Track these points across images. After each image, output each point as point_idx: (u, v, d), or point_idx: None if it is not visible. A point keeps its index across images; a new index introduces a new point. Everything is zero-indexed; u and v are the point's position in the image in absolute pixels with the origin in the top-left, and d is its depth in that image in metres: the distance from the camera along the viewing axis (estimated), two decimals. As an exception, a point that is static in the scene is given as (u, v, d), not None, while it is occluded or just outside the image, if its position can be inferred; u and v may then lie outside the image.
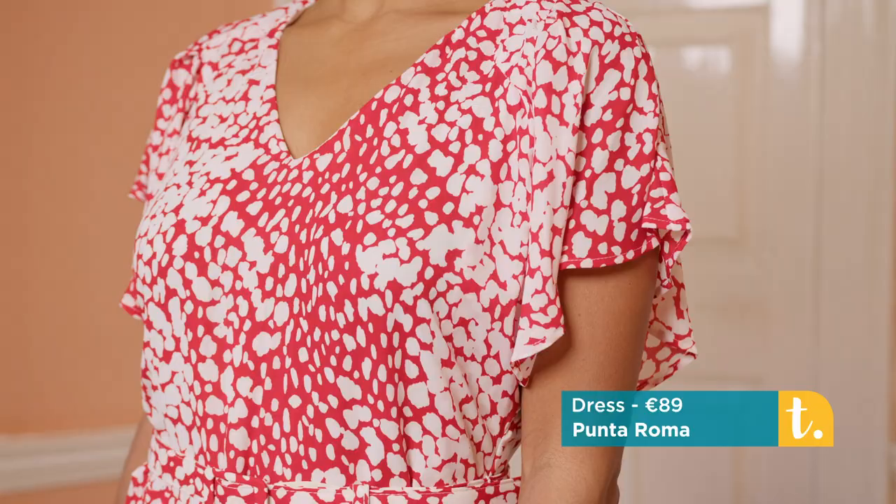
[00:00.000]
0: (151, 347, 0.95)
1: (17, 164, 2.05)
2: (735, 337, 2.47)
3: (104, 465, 2.06)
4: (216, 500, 0.90)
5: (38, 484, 2.07)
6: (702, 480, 2.52)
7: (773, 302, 2.45)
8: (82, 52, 2.10)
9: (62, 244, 2.10)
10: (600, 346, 0.87)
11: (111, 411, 2.08)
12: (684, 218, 0.86)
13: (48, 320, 2.08)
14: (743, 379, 2.48)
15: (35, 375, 2.07)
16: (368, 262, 0.83)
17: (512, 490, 0.92)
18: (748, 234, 2.46)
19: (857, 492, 2.43)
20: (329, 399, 0.86)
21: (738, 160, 2.45)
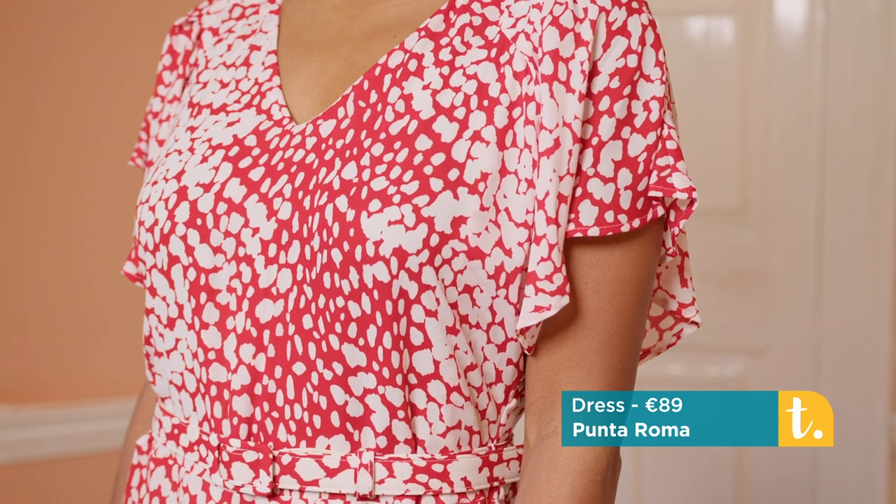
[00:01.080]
0: (156, 314, 0.95)
1: (17, 137, 2.04)
2: (737, 308, 2.47)
3: (106, 436, 2.06)
4: (221, 466, 0.90)
5: (39, 454, 2.07)
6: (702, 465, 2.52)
7: (776, 273, 2.45)
8: (84, 21, 2.09)
9: (62, 215, 2.09)
10: (607, 314, 0.87)
11: (112, 382, 2.08)
12: (690, 186, 0.85)
13: (49, 291, 2.08)
14: (744, 351, 2.48)
15: (36, 346, 2.08)
16: (373, 229, 0.82)
17: (515, 458, 0.92)
18: (750, 205, 2.46)
19: (858, 461, 2.44)
20: (334, 366, 0.86)
21: (741, 131, 2.44)
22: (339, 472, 0.87)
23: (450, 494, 0.88)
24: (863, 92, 2.36)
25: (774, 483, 2.48)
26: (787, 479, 2.47)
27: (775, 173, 2.44)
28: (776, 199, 2.44)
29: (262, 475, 0.88)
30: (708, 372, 2.51)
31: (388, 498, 0.87)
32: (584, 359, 0.87)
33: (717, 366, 2.50)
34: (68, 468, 2.10)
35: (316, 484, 0.87)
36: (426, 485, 0.87)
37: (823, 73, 2.38)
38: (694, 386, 2.50)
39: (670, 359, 2.47)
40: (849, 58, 2.36)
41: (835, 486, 2.44)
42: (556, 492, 0.85)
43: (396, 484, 0.87)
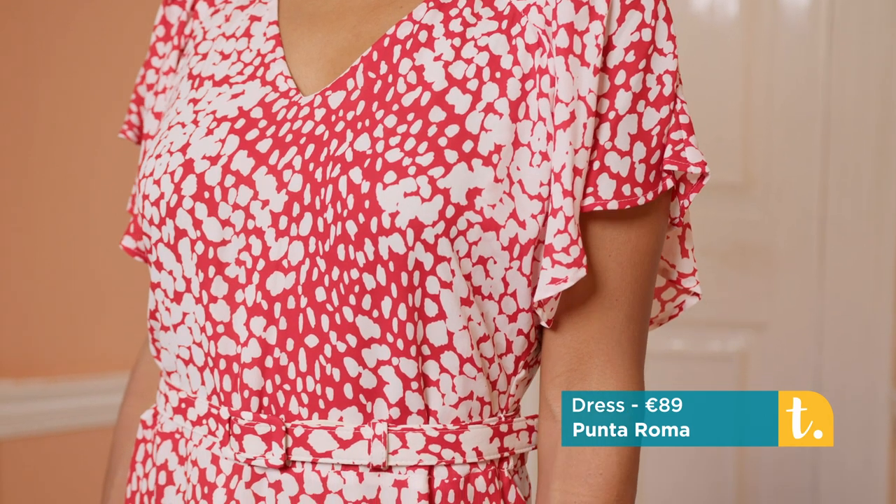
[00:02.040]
0: (162, 289, 0.94)
1: (19, 114, 2.04)
2: (739, 283, 2.47)
3: (109, 410, 2.05)
4: (231, 439, 0.90)
5: (43, 428, 2.07)
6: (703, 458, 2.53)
7: (778, 248, 2.45)
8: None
9: (63, 190, 2.09)
10: (630, 285, 0.88)
11: (115, 356, 2.09)
12: (703, 161, 0.87)
13: (52, 266, 2.08)
14: (747, 326, 2.48)
15: (41, 321, 2.08)
16: (389, 201, 0.82)
17: (524, 429, 0.93)
18: (754, 180, 2.45)
19: (860, 436, 2.44)
20: (347, 338, 0.86)
21: (744, 105, 2.43)
22: (353, 444, 0.87)
23: (462, 464, 0.89)
24: (868, 66, 2.35)
25: (776, 457, 2.49)
26: (789, 452, 2.48)
27: (779, 148, 2.43)
28: (779, 174, 2.43)
29: (275, 447, 0.88)
30: (710, 347, 2.51)
31: (401, 468, 0.88)
32: (612, 330, 0.89)
33: (719, 341, 2.51)
34: (72, 442, 2.11)
35: (329, 455, 0.87)
36: (439, 455, 0.88)
37: (827, 47, 2.37)
38: (696, 360, 2.50)
39: (672, 333, 2.47)
40: (853, 32, 2.35)
41: (837, 459, 2.45)
42: (604, 463, 0.87)
43: (409, 454, 0.87)
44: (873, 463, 2.43)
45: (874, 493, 2.44)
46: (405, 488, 0.87)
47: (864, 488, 2.44)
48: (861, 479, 2.44)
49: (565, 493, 0.88)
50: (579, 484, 0.87)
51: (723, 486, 2.53)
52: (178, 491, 0.95)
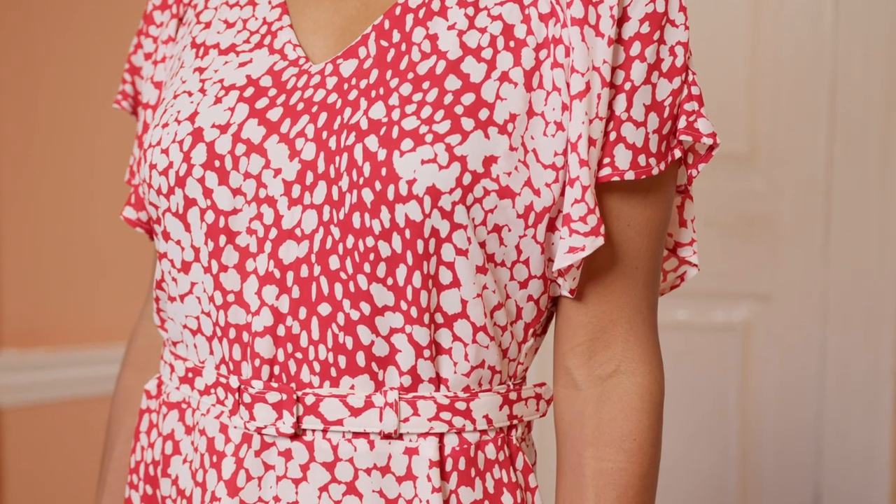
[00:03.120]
0: (169, 259, 0.94)
1: (22, 87, 2.03)
2: (743, 254, 2.47)
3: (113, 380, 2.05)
4: (241, 407, 0.90)
5: (46, 397, 2.08)
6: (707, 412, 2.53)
7: (783, 218, 2.44)
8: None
9: (67, 160, 2.09)
10: (646, 253, 0.90)
11: (120, 326, 2.09)
12: (714, 132, 0.88)
13: (57, 235, 2.08)
14: (751, 296, 2.48)
15: (44, 291, 2.08)
16: (406, 168, 0.82)
17: (532, 396, 0.94)
18: (759, 150, 2.45)
19: (863, 407, 2.45)
20: (361, 306, 0.86)
21: (749, 74, 2.42)
22: (364, 412, 0.87)
23: (472, 432, 0.89)
24: (875, 35, 2.34)
25: (779, 428, 2.50)
26: (792, 424, 2.49)
27: (784, 117, 2.42)
28: (785, 144, 2.43)
29: (286, 416, 0.88)
30: (714, 317, 2.51)
31: (412, 436, 0.88)
32: (633, 297, 0.90)
33: (724, 311, 2.51)
34: (74, 411, 2.11)
35: (340, 423, 0.87)
36: (450, 422, 0.88)
37: (835, 16, 2.36)
38: (700, 331, 2.50)
39: (677, 304, 2.47)
40: (860, 1, 2.34)
41: (840, 431, 2.46)
42: (636, 428, 0.89)
43: (421, 422, 0.88)
44: (877, 433, 2.44)
45: (878, 465, 2.44)
46: (416, 456, 0.88)
47: (867, 460, 2.45)
48: (864, 451, 2.44)
49: (600, 461, 0.89)
50: (614, 450, 0.89)
51: (725, 460, 2.54)
52: (185, 460, 0.96)
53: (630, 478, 0.89)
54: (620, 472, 0.88)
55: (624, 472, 0.88)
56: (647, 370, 0.90)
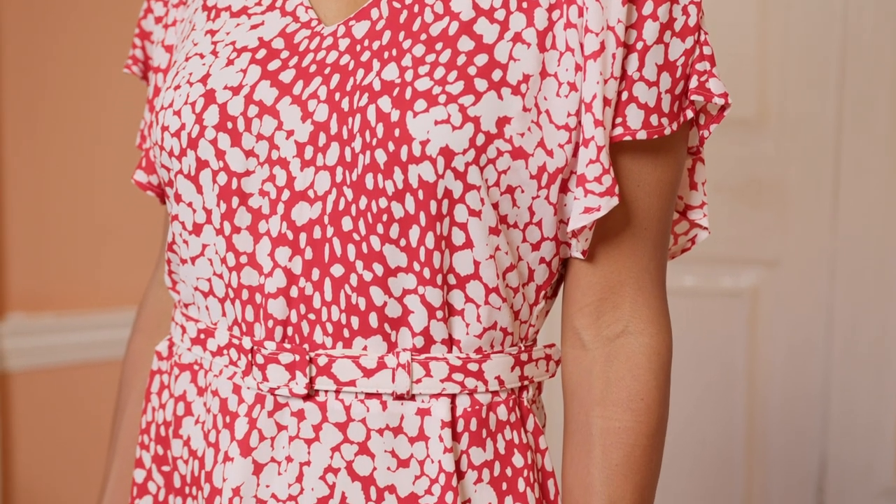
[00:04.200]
0: (180, 221, 0.94)
1: (31, 51, 2.03)
2: (752, 219, 2.46)
3: (121, 344, 2.06)
4: (254, 368, 0.90)
5: (54, 361, 2.09)
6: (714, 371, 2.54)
7: (792, 183, 2.44)
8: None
9: (75, 124, 2.08)
10: (656, 213, 0.90)
11: (128, 291, 2.09)
12: (726, 92, 0.88)
13: (65, 200, 2.08)
14: (759, 262, 2.48)
15: (53, 255, 2.08)
16: (420, 129, 0.82)
17: (542, 357, 0.94)
18: (768, 114, 2.44)
19: (871, 371, 2.45)
20: (374, 267, 0.86)
21: (759, 38, 2.41)
22: (377, 373, 0.87)
23: (484, 393, 0.90)
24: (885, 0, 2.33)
25: (786, 395, 2.50)
26: (799, 391, 2.49)
27: (794, 81, 2.41)
28: (794, 109, 2.42)
29: (299, 376, 0.88)
30: (722, 283, 2.51)
31: (424, 396, 0.88)
32: (642, 258, 0.90)
33: (731, 277, 2.51)
34: (82, 375, 2.12)
35: (353, 384, 0.88)
36: (462, 383, 0.88)
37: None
38: (707, 297, 2.51)
39: (684, 270, 2.47)
40: (871, -36, 2.33)
41: (847, 398, 2.46)
42: (644, 388, 0.89)
43: (433, 383, 0.88)
44: (883, 400, 2.45)
45: (884, 432, 2.45)
46: (428, 416, 0.88)
47: (873, 428, 2.45)
48: (871, 419, 2.45)
49: (608, 420, 0.89)
50: (622, 410, 0.89)
51: (731, 426, 2.54)
52: (197, 421, 0.96)
53: (637, 437, 0.89)
54: (628, 432, 0.89)
55: (631, 432, 0.89)
56: (656, 331, 0.91)
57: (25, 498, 2.07)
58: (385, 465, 0.88)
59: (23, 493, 2.06)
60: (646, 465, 0.90)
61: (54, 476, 2.10)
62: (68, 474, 2.11)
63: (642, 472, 0.89)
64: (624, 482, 0.89)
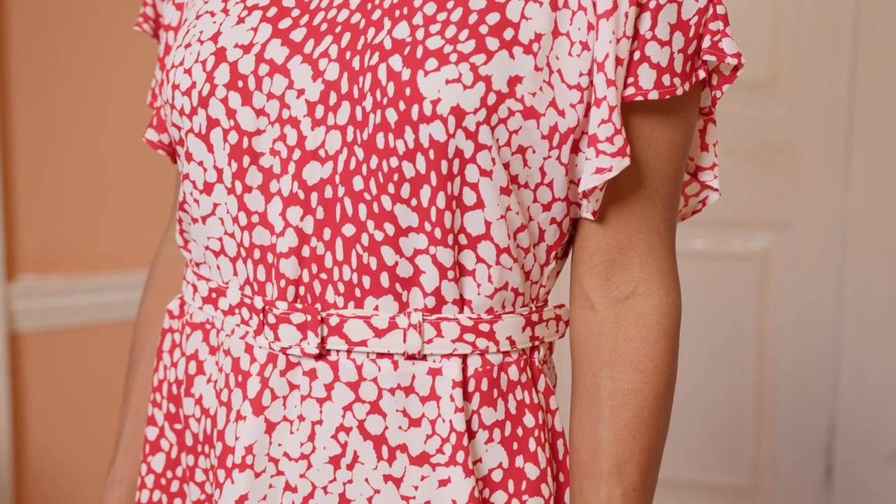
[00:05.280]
0: (191, 180, 0.94)
1: (41, 13, 2.02)
2: (763, 182, 2.45)
3: (131, 306, 2.08)
4: (266, 328, 0.90)
5: (65, 323, 2.09)
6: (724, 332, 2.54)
7: (804, 146, 2.42)
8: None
9: (86, 85, 2.08)
10: (667, 174, 0.90)
11: (138, 252, 2.09)
12: (739, 52, 0.87)
13: (75, 161, 2.08)
14: (770, 225, 2.48)
15: (63, 217, 2.08)
16: (431, 88, 0.82)
17: (552, 318, 0.94)
18: (780, 77, 2.42)
19: (880, 337, 2.45)
20: (385, 227, 0.86)
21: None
22: (388, 333, 0.88)
23: (495, 353, 0.90)
24: (898, -38, 2.31)
25: (796, 358, 2.50)
26: (808, 354, 2.49)
27: (806, 43, 2.39)
28: (806, 71, 2.40)
29: (310, 336, 0.88)
30: (733, 246, 2.51)
31: (435, 357, 0.89)
32: (652, 219, 0.90)
33: (742, 240, 2.50)
34: (92, 336, 2.13)
35: (364, 344, 0.88)
36: (473, 344, 0.89)
37: (859, -58, 2.33)
38: (718, 260, 2.50)
39: (695, 233, 2.47)
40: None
41: (856, 361, 2.46)
42: (653, 349, 0.89)
43: (444, 343, 0.88)
44: (893, 363, 2.44)
45: (894, 393, 2.45)
46: (440, 376, 0.88)
47: (883, 390, 2.46)
48: (880, 382, 2.45)
49: (616, 381, 0.89)
50: (630, 370, 0.89)
51: (741, 389, 2.55)
52: (209, 380, 0.96)
53: (646, 398, 0.89)
54: (636, 393, 0.89)
55: (640, 393, 0.89)
56: (665, 292, 0.91)
57: (37, 459, 2.08)
58: (396, 424, 0.89)
59: (34, 453, 2.08)
60: (654, 426, 0.90)
61: (65, 437, 2.11)
62: (79, 435, 2.12)
63: (650, 433, 0.90)
64: (632, 442, 0.89)
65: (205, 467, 0.97)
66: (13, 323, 2.03)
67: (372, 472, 0.89)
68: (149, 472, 1.03)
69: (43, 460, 2.09)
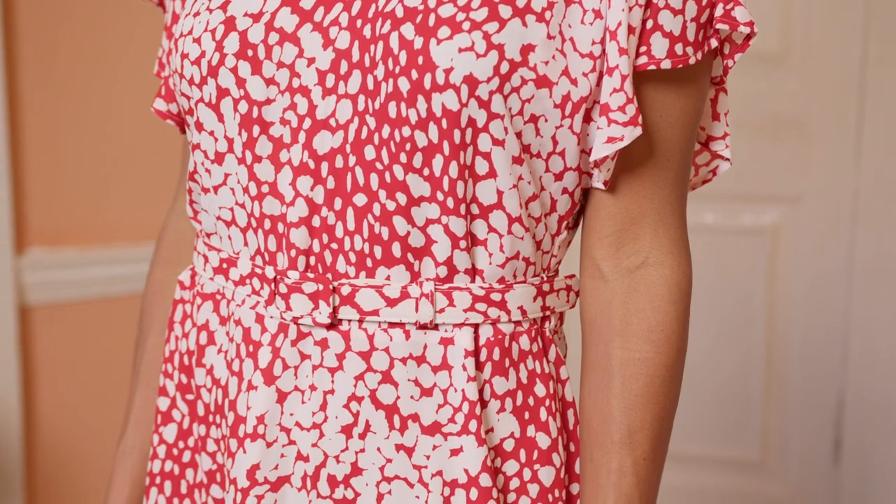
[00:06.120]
0: (202, 149, 0.93)
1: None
2: (774, 155, 2.44)
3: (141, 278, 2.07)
4: (277, 298, 0.90)
5: (75, 295, 2.10)
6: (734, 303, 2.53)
7: (815, 119, 2.41)
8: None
9: (95, 57, 2.08)
10: (678, 144, 0.89)
11: (149, 225, 2.09)
12: (751, 20, 0.87)
13: (85, 134, 2.08)
14: (780, 199, 2.47)
15: (73, 189, 2.08)
16: (443, 56, 0.81)
17: (563, 288, 0.94)
18: (791, 49, 2.41)
19: (891, 314, 2.44)
20: (397, 196, 0.86)
21: (783, -28, 2.38)
22: (400, 302, 0.88)
23: (507, 323, 0.90)
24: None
25: (805, 333, 2.50)
26: (818, 329, 2.49)
27: (818, 14, 2.38)
28: (818, 43, 2.39)
29: (322, 306, 0.88)
30: (743, 220, 2.50)
31: (447, 326, 0.89)
32: (664, 189, 0.90)
33: (753, 214, 2.49)
34: (103, 309, 2.13)
35: (376, 314, 0.88)
36: (485, 313, 0.89)
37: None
38: (728, 234, 2.50)
39: (704, 207, 2.46)
40: None
41: (867, 336, 2.46)
42: (665, 319, 0.89)
43: (456, 313, 0.88)
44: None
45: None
46: (451, 346, 0.88)
47: (893, 362, 2.45)
48: (890, 357, 2.45)
49: (627, 351, 0.89)
50: (642, 341, 0.89)
51: (750, 364, 2.55)
52: (220, 350, 0.96)
53: (657, 368, 0.89)
54: (647, 363, 0.89)
55: (651, 363, 0.89)
56: (676, 262, 0.90)
57: (47, 431, 2.09)
58: (408, 393, 0.89)
59: (44, 426, 2.09)
60: (665, 396, 0.90)
61: (75, 409, 2.12)
62: (89, 407, 2.13)
63: (661, 403, 0.90)
64: (643, 412, 0.89)
65: (216, 437, 0.97)
66: (23, 295, 2.03)
67: (384, 442, 0.90)
68: (161, 443, 1.03)
69: (53, 432, 2.10)
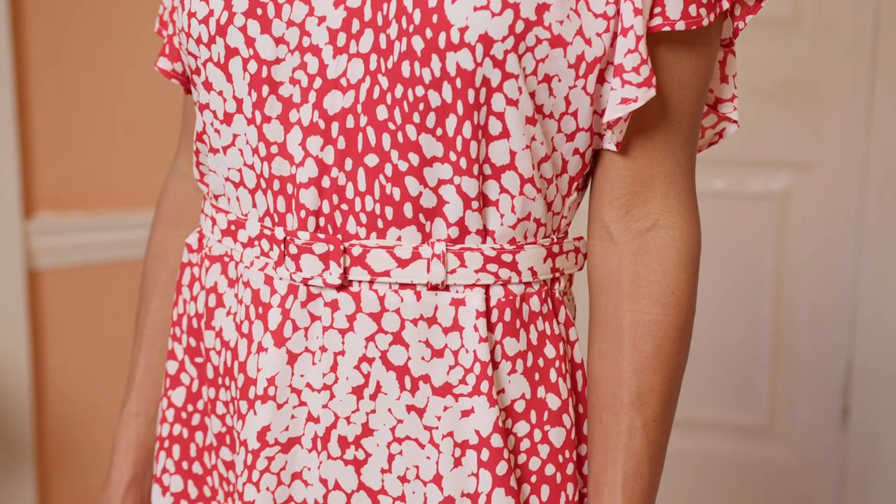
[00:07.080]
0: (210, 110, 0.93)
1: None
2: (784, 121, 2.43)
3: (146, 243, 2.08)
4: (287, 259, 0.90)
5: (83, 260, 2.10)
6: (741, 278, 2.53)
7: (826, 85, 2.40)
8: None
9: (101, 21, 2.06)
10: (689, 107, 0.89)
11: (156, 190, 2.09)
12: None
13: (92, 99, 2.07)
14: (791, 165, 2.46)
15: (81, 154, 2.08)
16: (458, 15, 0.81)
17: (572, 250, 0.94)
18: (802, 13, 2.39)
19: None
20: (409, 157, 0.85)
21: (794, -64, 2.36)
22: (412, 263, 0.87)
23: (518, 284, 0.90)
24: None
25: (814, 300, 2.49)
26: (827, 295, 2.48)
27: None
28: (830, 7, 2.37)
29: (333, 266, 0.88)
30: (752, 186, 2.49)
31: (458, 287, 0.88)
32: (674, 151, 0.90)
33: (762, 180, 2.48)
34: (110, 274, 2.14)
35: (387, 275, 0.88)
36: (496, 274, 0.88)
37: None
38: (737, 200, 2.49)
39: (714, 173, 2.45)
40: None
41: (875, 303, 2.45)
42: (675, 281, 0.89)
43: (467, 273, 0.88)
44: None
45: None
46: (463, 307, 0.88)
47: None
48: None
49: (638, 313, 0.89)
50: (652, 303, 0.89)
51: (758, 329, 2.54)
52: (229, 313, 0.96)
53: (668, 329, 0.89)
54: (658, 324, 0.89)
55: (661, 325, 0.89)
56: (686, 224, 0.90)
57: (56, 395, 2.10)
58: (419, 355, 0.89)
59: (53, 390, 2.09)
60: (675, 358, 0.90)
61: (84, 373, 2.12)
62: (98, 371, 2.14)
63: (671, 365, 0.90)
64: (653, 374, 0.89)
65: (225, 400, 0.97)
66: (31, 260, 2.03)
67: (395, 403, 0.90)
68: (169, 406, 1.03)
69: (62, 396, 2.11)
